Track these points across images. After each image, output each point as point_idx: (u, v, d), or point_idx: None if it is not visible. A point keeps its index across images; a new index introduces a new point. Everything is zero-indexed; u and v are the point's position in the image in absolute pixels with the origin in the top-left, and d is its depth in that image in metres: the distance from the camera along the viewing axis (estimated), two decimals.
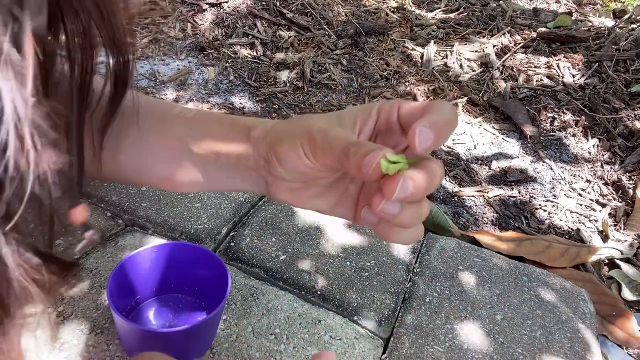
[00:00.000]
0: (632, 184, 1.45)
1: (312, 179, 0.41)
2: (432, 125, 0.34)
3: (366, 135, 0.41)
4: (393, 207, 0.35)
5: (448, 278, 0.96)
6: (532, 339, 0.87)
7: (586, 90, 1.77)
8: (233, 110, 1.59)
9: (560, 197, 1.41)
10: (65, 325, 0.74)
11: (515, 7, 2.27)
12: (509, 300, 0.93)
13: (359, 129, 0.41)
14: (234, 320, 0.81)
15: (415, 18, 2.16)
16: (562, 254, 1.18)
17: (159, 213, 0.97)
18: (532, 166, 1.51)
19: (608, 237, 1.29)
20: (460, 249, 1.03)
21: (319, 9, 2.09)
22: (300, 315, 0.83)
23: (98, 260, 0.86)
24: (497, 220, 1.31)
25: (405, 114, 0.39)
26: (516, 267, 1.01)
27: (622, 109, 1.70)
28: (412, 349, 0.82)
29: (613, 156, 1.56)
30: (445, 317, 0.88)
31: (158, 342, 0.66)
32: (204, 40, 1.86)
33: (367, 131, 0.41)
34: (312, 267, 0.92)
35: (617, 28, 2.08)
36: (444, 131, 0.35)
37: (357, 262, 0.95)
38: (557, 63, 1.90)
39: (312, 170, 0.39)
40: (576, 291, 0.98)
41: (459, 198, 1.37)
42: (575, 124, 1.65)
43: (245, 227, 0.99)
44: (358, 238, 1.00)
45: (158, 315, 0.77)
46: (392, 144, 0.41)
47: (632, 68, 1.85)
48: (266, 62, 1.82)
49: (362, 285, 0.90)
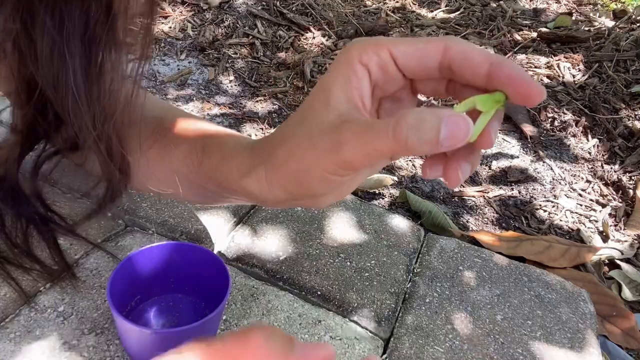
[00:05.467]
0: (632, 184, 1.45)
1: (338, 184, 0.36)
2: (519, 69, 0.30)
3: (367, 105, 0.34)
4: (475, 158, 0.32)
5: (448, 278, 0.96)
6: (532, 339, 0.87)
7: (586, 90, 1.77)
8: (233, 110, 1.59)
9: (560, 197, 1.41)
10: (65, 325, 0.74)
11: (515, 7, 2.27)
12: (509, 300, 0.93)
13: (360, 102, 0.34)
14: (234, 320, 0.81)
15: (415, 18, 2.16)
16: (562, 254, 1.18)
17: (159, 213, 0.97)
18: (532, 166, 1.51)
19: (608, 237, 1.29)
20: (460, 249, 1.03)
21: (319, 9, 2.09)
22: (300, 315, 0.83)
23: (98, 260, 0.86)
24: (497, 220, 1.31)
25: (410, 66, 0.33)
26: (516, 267, 1.01)
27: (622, 109, 1.70)
28: (412, 349, 0.82)
29: (613, 156, 1.56)
30: (445, 317, 0.88)
31: (158, 342, 0.65)
32: (204, 40, 1.86)
33: (366, 99, 0.34)
34: (312, 267, 0.92)
35: (617, 28, 2.08)
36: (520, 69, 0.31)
37: (357, 262, 0.95)
38: (557, 63, 1.90)
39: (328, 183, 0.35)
40: (576, 291, 0.98)
41: (459, 198, 1.37)
42: (575, 124, 1.65)
43: (246, 227, 0.99)
44: (358, 238, 1.00)
45: (158, 315, 0.77)
46: (394, 91, 0.35)
47: (632, 68, 1.85)
48: (266, 62, 1.82)
49: (362, 285, 0.90)
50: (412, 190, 1.35)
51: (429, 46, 0.32)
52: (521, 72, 0.30)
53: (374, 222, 1.05)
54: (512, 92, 0.30)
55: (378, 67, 0.33)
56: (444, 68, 0.32)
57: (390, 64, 0.33)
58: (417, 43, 0.32)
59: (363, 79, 0.33)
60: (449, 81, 0.34)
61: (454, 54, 0.31)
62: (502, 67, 0.30)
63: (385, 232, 1.03)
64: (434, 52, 0.32)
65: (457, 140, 0.28)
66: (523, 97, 0.30)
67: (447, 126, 0.27)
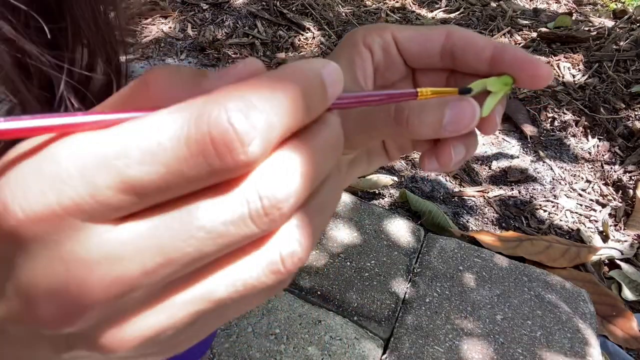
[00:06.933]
0: (632, 184, 1.45)
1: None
2: (524, 51, 0.30)
3: (370, 86, 0.33)
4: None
5: (448, 278, 0.96)
6: (532, 339, 0.87)
7: (586, 90, 1.77)
8: None
9: (560, 197, 1.41)
10: None
11: (515, 7, 2.27)
12: (509, 300, 0.93)
13: (363, 82, 0.33)
14: (234, 320, 0.81)
15: (415, 18, 2.16)
16: (562, 254, 1.18)
17: None
18: (532, 166, 1.51)
19: (608, 237, 1.29)
20: (460, 249, 1.03)
21: (319, 9, 2.09)
22: (300, 315, 0.83)
23: None
24: (497, 220, 1.31)
25: (412, 50, 0.32)
26: (516, 267, 1.01)
27: (622, 109, 1.70)
28: (412, 349, 0.82)
29: (613, 156, 1.56)
30: (445, 317, 0.88)
31: None
32: (204, 40, 1.87)
33: (369, 80, 0.33)
34: (312, 267, 0.92)
35: (617, 28, 2.08)
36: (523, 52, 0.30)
37: (357, 262, 0.95)
38: (557, 63, 1.90)
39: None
40: (576, 291, 0.98)
41: (459, 198, 1.37)
42: (575, 124, 1.65)
43: None
44: (358, 238, 1.00)
45: None
46: (395, 80, 0.35)
47: (632, 68, 1.85)
48: (266, 62, 1.82)
49: (362, 285, 0.90)
50: (412, 190, 1.35)
51: (431, 31, 0.32)
52: (526, 54, 0.29)
53: (374, 222, 1.05)
54: (519, 73, 0.29)
55: (381, 48, 0.33)
56: (446, 55, 0.32)
57: (392, 47, 0.33)
58: (420, 29, 0.32)
59: (366, 60, 0.33)
60: (450, 74, 0.34)
61: (456, 39, 0.31)
62: (506, 49, 0.30)
63: (385, 232, 1.03)
64: (436, 36, 0.32)
65: (462, 125, 0.27)
66: (530, 78, 0.29)
67: (452, 109, 0.27)
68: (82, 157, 0.16)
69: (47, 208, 0.16)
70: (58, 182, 0.16)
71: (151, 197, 0.17)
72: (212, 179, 0.17)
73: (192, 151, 0.16)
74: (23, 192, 0.16)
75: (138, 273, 0.17)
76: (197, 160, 0.16)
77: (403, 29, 0.32)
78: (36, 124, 0.17)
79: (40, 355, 0.21)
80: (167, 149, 0.16)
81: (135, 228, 0.17)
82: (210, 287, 0.18)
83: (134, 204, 0.17)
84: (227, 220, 0.17)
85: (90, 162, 0.16)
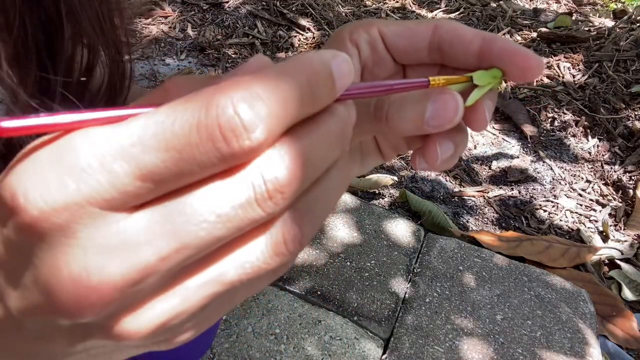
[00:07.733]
0: (632, 184, 1.45)
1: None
2: (514, 42, 0.29)
3: (357, 80, 0.33)
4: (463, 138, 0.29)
5: (448, 278, 0.96)
6: (532, 339, 0.87)
7: (586, 90, 1.77)
8: None
9: (560, 197, 1.41)
10: None
11: (515, 7, 2.27)
12: (509, 300, 0.93)
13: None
14: (234, 320, 0.81)
15: (415, 18, 2.17)
16: (562, 254, 1.18)
17: None
18: (532, 166, 1.51)
19: (608, 237, 1.29)
20: (460, 249, 1.03)
21: (319, 9, 2.09)
22: (300, 315, 0.83)
23: None
24: (497, 220, 1.31)
25: (399, 45, 0.32)
26: (516, 267, 1.01)
27: (622, 109, 1.70)
28: (412, 349, 0.82)
29: (613, 156, 1.56)
30: (445, 317, 0.88)
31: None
32: (204, 40, 1.87)
33: (356, 78, 0.32)
34: (312, 267, 0.92)
35: (617, 28, 2.08)
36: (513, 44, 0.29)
37: (357, 262, 0.95)
38: (557, 63, 1.90)
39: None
40: (576, 291, 0.98)
41: (459, 198, 1.37)
42: (575, 124, 1.65)
43: None
44: (358, 238, 1.00)
45: None
46: (384, 77, 0.34)
47: (632, 68, 1.85)
48: None
49: (362, 285, 0.90)
50: (412, 190, 1.36)
51: (419, 26, 0.31)
52: (516, 45, 0.28)
53: (374, 222, 1.05)
54: (508, 66, 0.28)
55: (367, 44, 0.32)
56: (434, 49, 0.31)
57: (379, 42, 0.32)
58: (407, 23, 0.32)
59: (353, 57, 0.32)
60: (440, 69, 0.33)
61: (444, 32, 0.30)
62: (495, 41, 0.29)
63: (385, 232, 1.03)
64: (423, 30, 0.31)
65: (444, 120, 0.26)
66: (520, 70, 0.28)
67: (433, 104, 0.26)
68: (100, 147, 0.17)
69: (68, 197, 0.17)
70: (78, 172, 0.17)
71: (166, 183, 0.17)
72: (221, 165, 0.17)
73: (202, 137, 0.17)
74: (43, 182, 0.17)
75: (154, 259, 0.17)
76: (207, 145, 0.17)
77: (390, 24, 0.32)
78: (49, 121, 0.17)
79: (54, 348, 0.21)
80: (180, 136, 0.17)
81: (150, 215, 0.17)
82: (221, 270, 0.19)
83: (150, 191, 0.17)
84: (236, 203, 0.17)
85: (109, 152, 0.17)
